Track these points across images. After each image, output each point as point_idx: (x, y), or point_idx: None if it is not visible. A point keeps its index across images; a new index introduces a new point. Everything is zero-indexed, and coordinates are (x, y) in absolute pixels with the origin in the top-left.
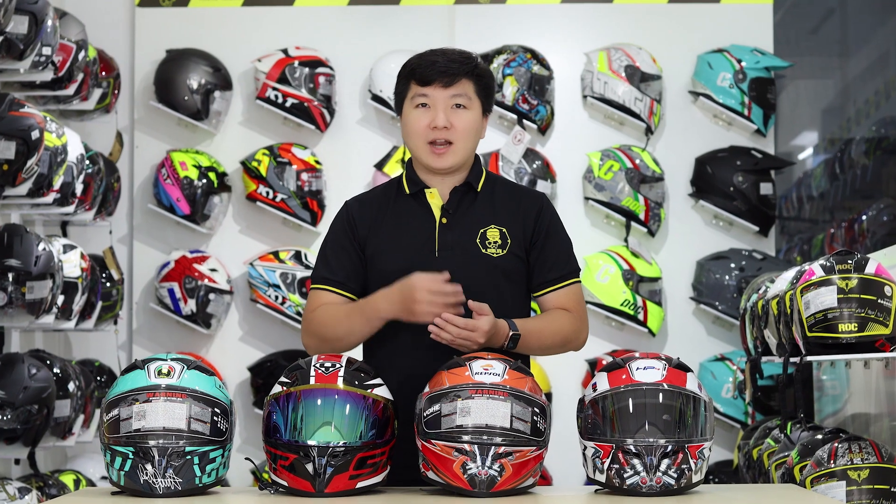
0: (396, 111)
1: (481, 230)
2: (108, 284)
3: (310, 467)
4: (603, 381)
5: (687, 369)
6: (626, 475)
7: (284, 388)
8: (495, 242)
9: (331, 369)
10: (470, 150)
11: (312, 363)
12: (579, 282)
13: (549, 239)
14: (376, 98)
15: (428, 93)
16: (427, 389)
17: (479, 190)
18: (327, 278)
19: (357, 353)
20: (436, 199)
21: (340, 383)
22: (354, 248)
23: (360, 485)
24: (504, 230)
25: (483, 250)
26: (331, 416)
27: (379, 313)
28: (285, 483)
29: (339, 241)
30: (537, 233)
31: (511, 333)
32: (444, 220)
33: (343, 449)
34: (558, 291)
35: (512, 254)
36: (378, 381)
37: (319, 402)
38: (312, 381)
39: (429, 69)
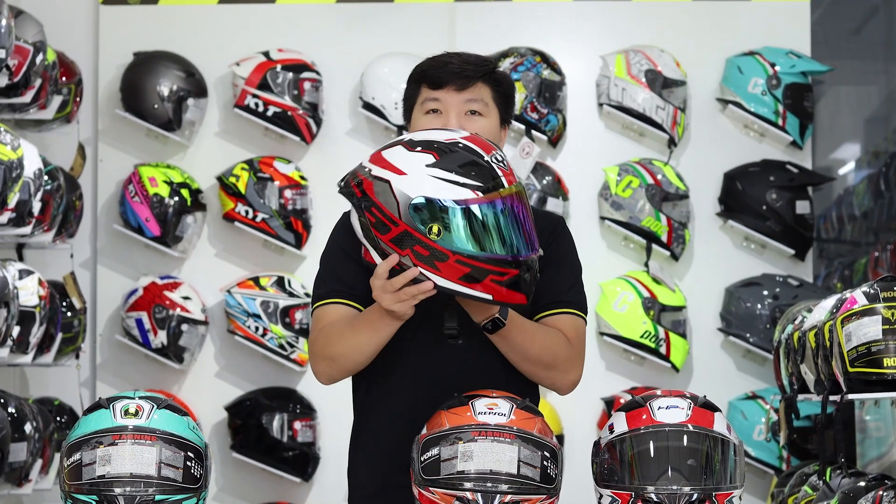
0: (405, 119)
1: None
2: (68, 314)
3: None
4: (621, 422)
5: (714, 409)
6: None
7: (479, 194)
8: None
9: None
10: None
11: (489, 161)
12: (583, 320)
13: (555, 261)
14: (368, 106)
15: (440, 97)
16: (424, 431)
17: None
18: (334, 290)
19: (348, 386)
20: None
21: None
22: (361, 257)
23: None
24: None
25: None
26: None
27: (381, 310)
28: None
29: (343, 248)
30: (546, 255)
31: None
32: None
33: None
34: (556, 317)
35: None
36: None
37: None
38: (506, 183)
39: (441, 70)
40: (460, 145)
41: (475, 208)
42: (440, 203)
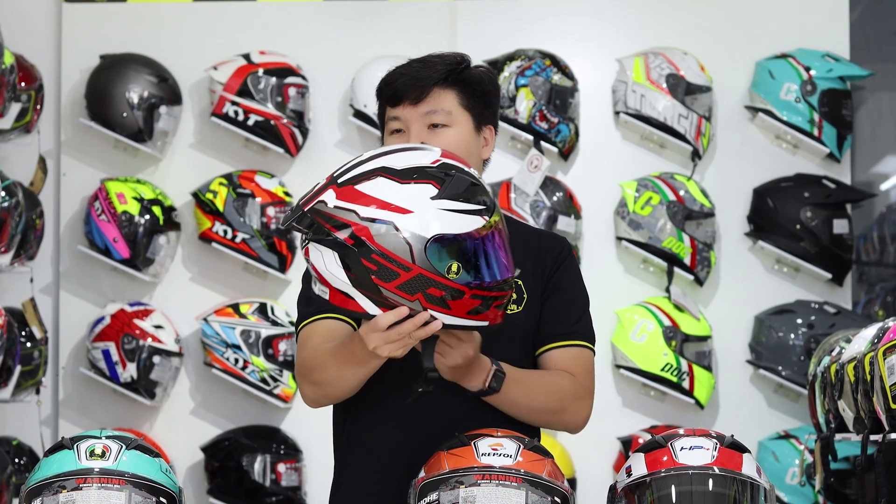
0: (381, 138)
1: None
2: (28, 345)
3: None
4: (639, 464)
5: (743, 449)
6: None
7: (486, 218)
8: (510, 297)
9: None
10: None
11: (477, 177)
12: (592, 351)
13: (563, 289)
14: (359, 114)
15: (399, 114)
16: (423, 474)
17: None
18: (319, 308)
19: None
20: None
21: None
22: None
23: None
24: (520, 283)
25: None
26: None
27: (366, 349)
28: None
29: None
30: (552, 281)
31: (494, 369)
32: None
33: None
34: (563, 350)
35: (528, 311)
36: None
37: None
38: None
39: (394, 84)
40: (446, 167)
41: (489, 236)
42: (458, 239)
